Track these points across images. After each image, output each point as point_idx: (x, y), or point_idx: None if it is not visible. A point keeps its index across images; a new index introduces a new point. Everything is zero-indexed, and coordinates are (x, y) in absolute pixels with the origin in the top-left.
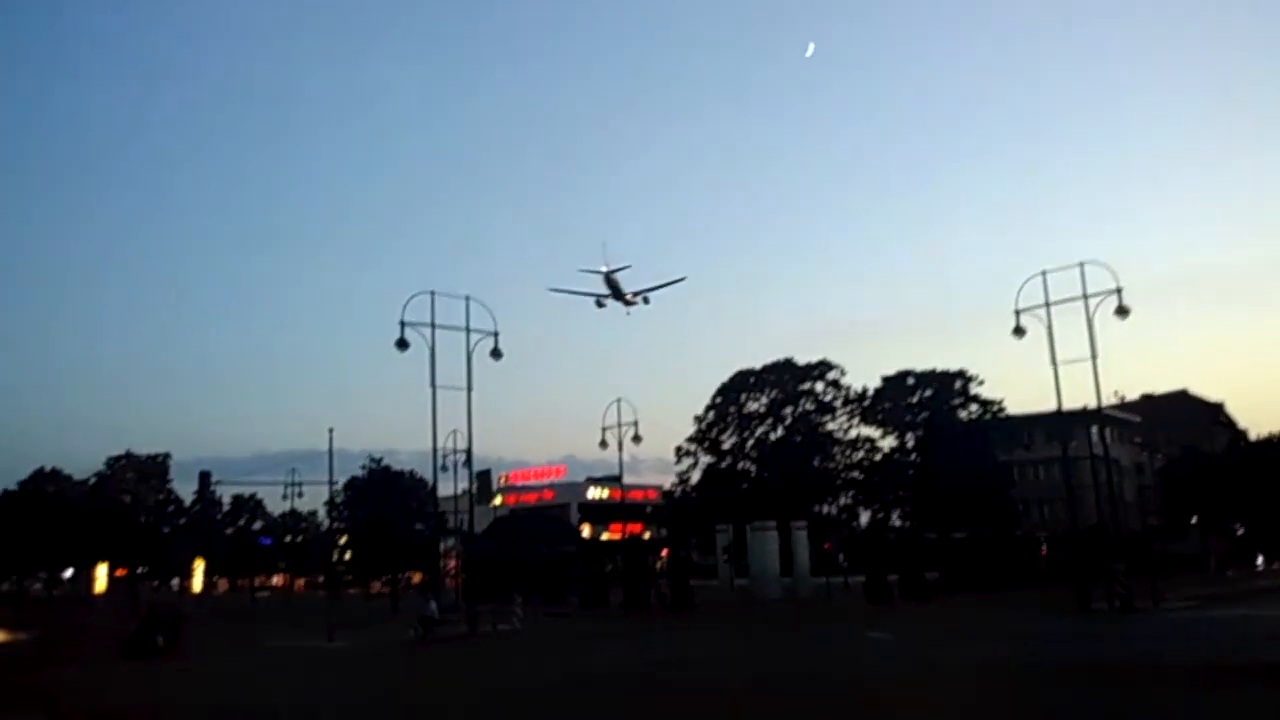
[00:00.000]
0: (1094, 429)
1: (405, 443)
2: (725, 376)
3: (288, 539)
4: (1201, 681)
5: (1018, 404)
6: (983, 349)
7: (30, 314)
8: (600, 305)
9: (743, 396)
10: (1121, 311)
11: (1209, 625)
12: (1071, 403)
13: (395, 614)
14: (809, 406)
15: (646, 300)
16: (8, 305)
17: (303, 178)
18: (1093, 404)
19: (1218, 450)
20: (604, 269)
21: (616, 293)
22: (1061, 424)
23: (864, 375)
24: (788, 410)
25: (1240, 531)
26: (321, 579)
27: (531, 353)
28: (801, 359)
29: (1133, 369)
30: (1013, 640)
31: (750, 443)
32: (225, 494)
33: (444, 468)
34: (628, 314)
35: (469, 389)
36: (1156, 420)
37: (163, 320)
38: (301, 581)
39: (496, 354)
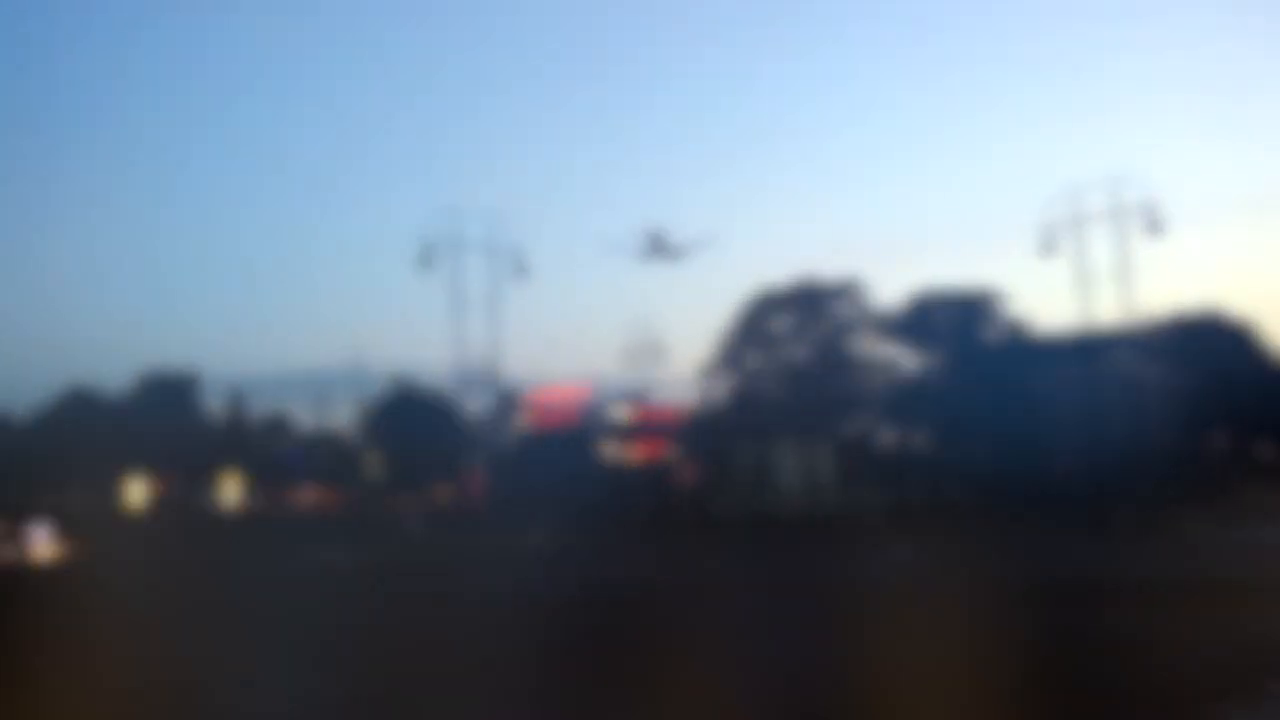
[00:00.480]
0: (1123, 349)
1: (432, 364)
2: (752, 295)
3: (318, 455)
4: (1200, 597)
5: (1044, 323)
6: (1011, 266)
7: (56, 231)
8: (644, 262)
9: (767, 315)
10: (1155, 226)
11: (1226, 544)
12: (1100, 322)
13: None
14: (833, 326)
15: (687, 257)
16: (30, 222)
17: (334, 88)
18: (1122, 323)
19: (1248, 371)
20: (646, 231)
21: (659, 249)
22: (1090, 344)
23: (891, 293)
24: (811, 329)
25: (1267, 453)
26: (351, 495)
27: (559, 277)
28: (829, 276)
29: (1163, 288)
30: (1028, 559)
31: (774, 362)
32: (254, 410)
33: (468, 387)
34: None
35: (492, 304)
36: (1186, 341)
37: (187, 237)
38: (333, 496)
39: (520, 270)
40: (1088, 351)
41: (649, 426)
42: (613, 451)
